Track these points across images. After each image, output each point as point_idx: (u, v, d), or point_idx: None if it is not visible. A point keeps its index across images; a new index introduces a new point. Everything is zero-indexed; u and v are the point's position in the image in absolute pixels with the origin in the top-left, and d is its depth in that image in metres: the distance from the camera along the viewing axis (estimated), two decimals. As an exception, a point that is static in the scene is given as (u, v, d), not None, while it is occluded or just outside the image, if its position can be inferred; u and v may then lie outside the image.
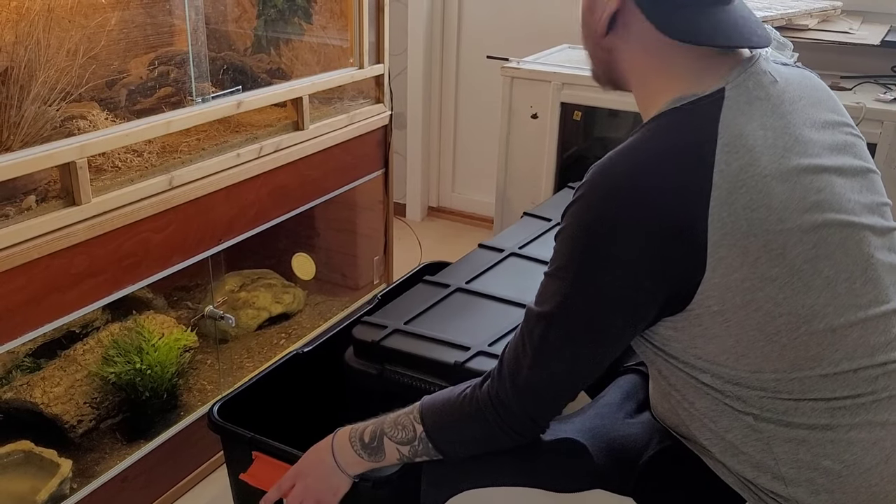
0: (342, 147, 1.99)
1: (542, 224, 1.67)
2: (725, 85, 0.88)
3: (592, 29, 0.96)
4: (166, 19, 1.70)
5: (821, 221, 0.87)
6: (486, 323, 1.39)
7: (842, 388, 0.89)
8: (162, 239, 1.53)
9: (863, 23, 2.24)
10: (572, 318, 0.90)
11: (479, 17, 2.99)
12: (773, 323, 0.86)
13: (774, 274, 0.85)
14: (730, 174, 0.84)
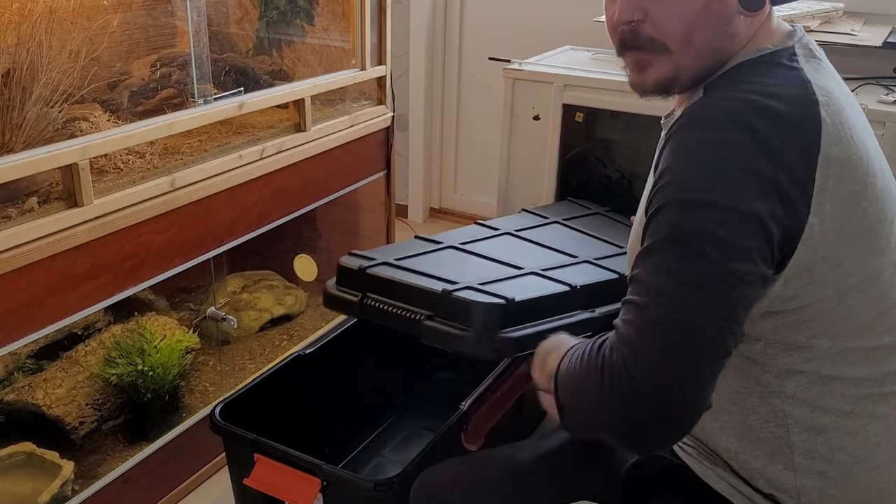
0: (344, 148, 1.99)
1: (539, 219, 1.66)
2: (793, 44, 0.90)
3: (723, 15, 0.88)
4: (168, 21, 1.70)
5: (884, 185, 0.89)
6: (478, 270, 1.35)
7: (876, 366, 0.89)
8: (164, 240, 1.53)
9: (865, 24, 2.24)
10: (708, 240, 0.77)
11: (481, 19, 2.98)
12: (847, 281, 0.86)
13: (856, 229, 0.85)
14: (830, 116, 0.84)
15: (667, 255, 0.79)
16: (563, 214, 1.71)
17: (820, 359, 0.88)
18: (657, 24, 0.89)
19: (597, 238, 1.61)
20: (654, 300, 0.78)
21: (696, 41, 0.89)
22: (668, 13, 0.88)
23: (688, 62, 0.90)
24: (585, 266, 1.44)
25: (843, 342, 0.88)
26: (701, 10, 0.87)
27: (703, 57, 0.90)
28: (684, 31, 0.88)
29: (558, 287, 1.31)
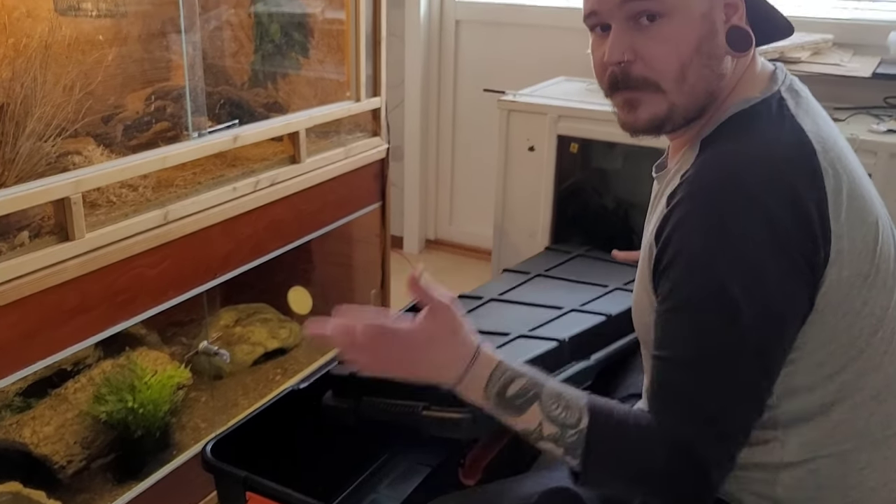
0: (339, 180, 1.99)
1: (520, 276, 1.66)
2: (778, 88, 0.91)
3: (714, 55, 0.90)
4: (164, 55, 1.70)
5: (888, 223, 0.91)
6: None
7: (884, 405, 0.90)
8: (156, 274, 1.51)
9: (854, 55, 2.26)
10: (732, 349, 0.82)
11: (476, 51, 3.01)
12: (858, 324, 0.86)
13: (867, 270, 0.86)
14: (829, 162, 0.85)
15: (708, 365, 0.83)
16: (544, 266, 1.71)
17: (830, 403, 0.88)
18: (649, 64, 0.89)
19: (580, 282, 1.61)
20: (705, 407, 0.82)
21: (689, 79, 0.89)
22: (661, 52, 0.88)
23: (681, 100, 0.90)
24: (572, 315, 1.43)
25: (853, 384, 0.88)
26: (694, 50, 0.88)
27: (695, 96, 0.90)
28: (678, 70, 0.89)
29: (547, 345, 1.30)
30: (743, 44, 0.90)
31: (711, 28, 0.89)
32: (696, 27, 0.88)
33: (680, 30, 0.88)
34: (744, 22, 0.90)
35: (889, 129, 1.94)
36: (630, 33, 0.89)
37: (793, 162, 0.83)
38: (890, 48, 2.20)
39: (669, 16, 0.87)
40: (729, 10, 0.90)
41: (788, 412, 0.88)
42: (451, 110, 3.12)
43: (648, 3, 0.87)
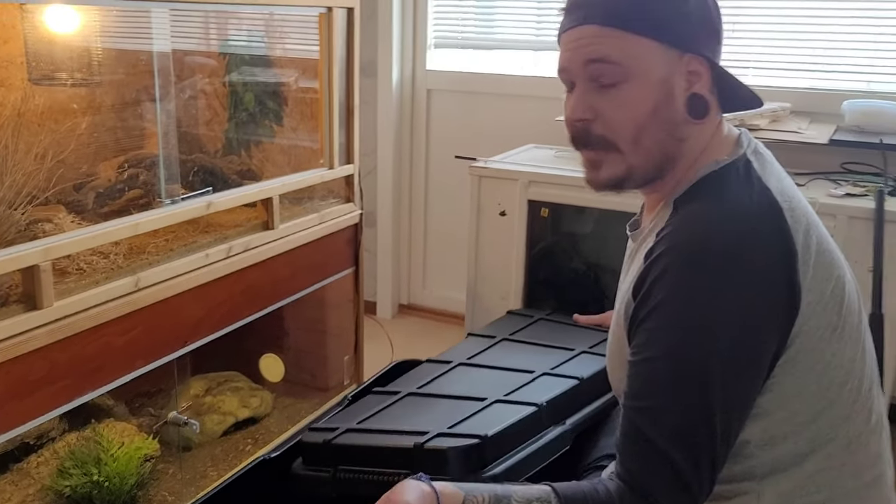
0: (312, 246, 1.99)
1: (486, 340, 1.67)
2: (745, 151, 0.94)
3: (670, 120, 0.93)
4: (138, 123, 1.72)
5: (853, 278, 0.94)
6: (442, 413, 1.33)
7: (854, 456, 0.91)
8: (125, 342, 1.49)
9: (811, 122, 2.34)
10: (697, 404, 0.85)
11: (447, 119, 3.07)
12: (828, 375, 0.89)
13: (836, 322, 0.89)
14: (797, 220, 0.88)
15: (678, 417, 0.85)
16: (509, 330, 1.72)
17: (805, 454, 0.89)
18: (607, 124, 0.93)
19: (546, 346, 1.62)
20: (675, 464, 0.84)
21: (644, 143, 0.93)
22: (618, 114, 0.92)
23: (638, 161, 0.94)
24: (544, 379, 1.44)
25: (826, 434, 0.90)
26: (650, 114, 0.92)
27: (651, 158, 0.94)
28: (633, 133, 0.92)
29: (526, 409, 1.30)
30: (700, 111, 0.93)
31: (669, 94, 0.92)
32: (654, 93, 0.91)
33: (637, 94, 0.91)
34: (707, 90, 0.94)
35: (847, 192, 2.00)
36: (592, 93, 0.93)
37: (763, 220, 0.87)
38: (844, 116, 2.29)
39: (630, 80, 0.91)
40: (692, 78, 0.93)
41: (765, 463, 0.89)
42: (423, 177, 3.16)
43: (609, 68, 0.91)
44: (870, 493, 0.93)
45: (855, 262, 1.89)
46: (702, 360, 0.84)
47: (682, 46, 0.92)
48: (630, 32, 0.90)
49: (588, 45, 0.92)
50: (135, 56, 1.67)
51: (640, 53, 0.91)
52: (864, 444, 0.92)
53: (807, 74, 2.50)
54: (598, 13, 0.91)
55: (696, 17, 0.93)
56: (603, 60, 0.91)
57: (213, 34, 2.07)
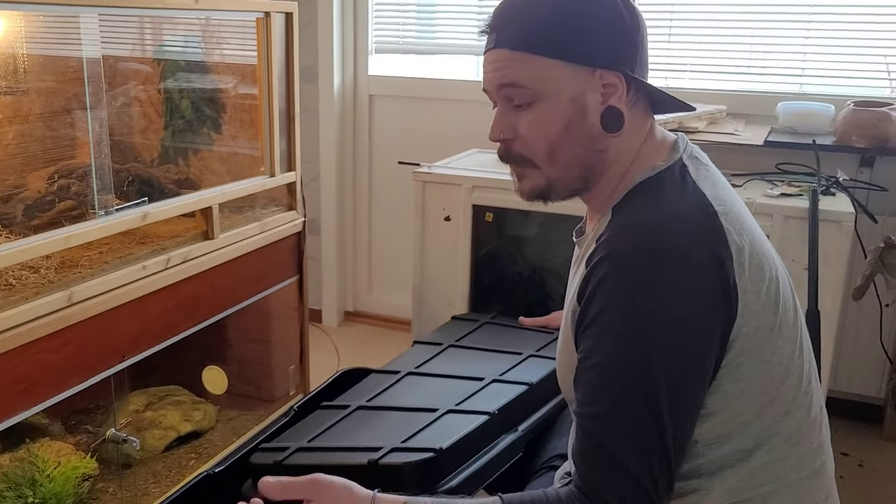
0: (254, 255, 1.96)
1: (433, 347, 1.67)
2: (680, 156, 0.97)
3: (585, 135, 0.95)
4: (68, 132, 1.66)
5: (786, 277, 0.96)
6: (395, 426, 1.33)
7: (797, 448, 0.94)
8: (59, 359, 1.44)
9: (746, 124, 2.41)
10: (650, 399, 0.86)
11: (390, 124, 3.06)
12: (769, 372, 0.91)
13: (773, 322, 0.91)
14: (731, 223, 0.90)
15: (621, 416, 0.87)
16: (454, 335, 1.72)
17: (749, 449, 0.92)
18: (524, 143, 0.97)
19: (493, 351, 1.63)
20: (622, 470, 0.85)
21: (560, 158, 0.96)
22: (532, 134, 0.96)
23: (556, 175, 0.98)
24: (494, 386, 1.44)
25: (771, 428, 0.92)
26: (563, 132, 0.95)
27: (570, 172, 0.97)
28: (547, 150, 0.96)
29: (478, 419, 1.30)
30: (614, 125, 0.95)
31: (582, 111, 0.95)
32: (565, 112, 0.94)
33: (549, 114, 0.95)
34: (623, 102, 0.95)
35: (782, 192, 2.06)
36: (509, 113, 0.98)
37: (699, 223, 0.89)
38: (779, 118, 2.36)
39: (540, 101, 0.95)
40: (608, 91, 0.95)
41: (712, 461, 0.92)
42: (366, 183, 3.14)
43: (520, 91, 0.95)
44: (812, 483, 0.96)
45: (791, 261, 1.94)
46: (644, 364, 0.85)
47: (594, 63, 0.94)
48: (538, 55, 0.93)
49: (500, 69, 0.96)
50: (64, 62, 1.61)
51: (548, 76, 0.94)
52: (804, 436, 0.95)
53: (742, 77, 2.57)
54: (509, 37, 0.94)
55: (608, 32, 0.94)
56: (513, 84, 0.95)
57: (147, 39, 2.02)
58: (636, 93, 0.97)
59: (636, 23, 0.97)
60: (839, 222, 1.91)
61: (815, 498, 0.97)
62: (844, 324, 2.40)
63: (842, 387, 2.46)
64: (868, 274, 2.09)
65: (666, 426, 0.85)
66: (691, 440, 0.91)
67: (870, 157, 2.32)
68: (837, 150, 2.26)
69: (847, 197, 2.04)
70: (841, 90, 2.44)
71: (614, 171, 0.98)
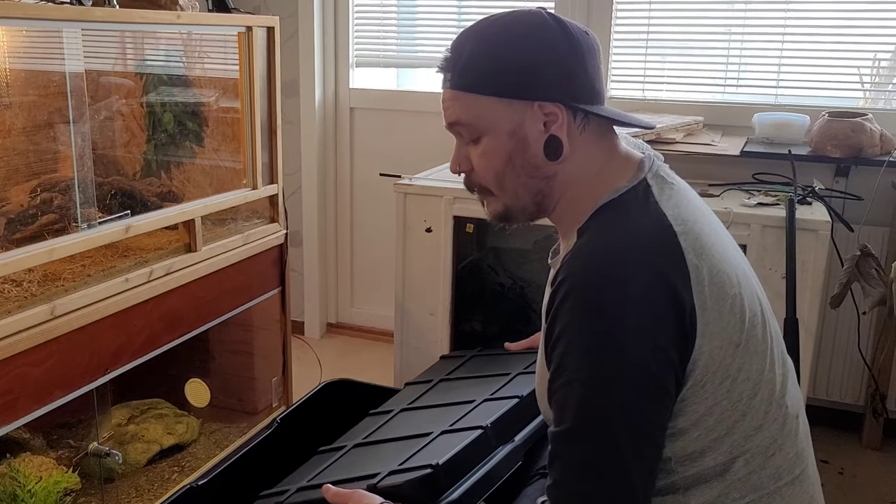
0: (237, 267, 1.96)
1: (423, 385, 1.69)
2: (645, 176, 0.98)
3: (528, 164, 0.99)
4: (51, 146, 1.66)
5: (750, 294, 0.97)
6: (391, 455, 1.34)
7: (772, 459, 0.95)
8: (41, 373, 1.43)
9: (723, 135, 2.44)
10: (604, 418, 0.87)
11: (371, 137, 3.07)
12: (737, 389, 0.92)
13: (738, 339, 0.92)
14: (690, 244, 0.92)
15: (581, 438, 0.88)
16: (444, 371, 1.74)
17: (724, 464, 0.93)
18: (478, 174, 1.03)
19: (482, 377, 1.64)
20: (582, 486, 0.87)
21: (508, 187, 1.01)
22: (481, 166, 1.02)
23: (510, 202, 1.03)
24: (486, 405, 1.46)
25: (743, 445, 0.93)
26: (506, 163, 1.00)
27: (520, 198, 1.02)
28: (496, 180, 1.01)
29: (472, 434, 1.32)
30: (554, 153, 0.99)
31: (523, 142, 0.98)
32: (506, 144, 0.99)
33: (491, 148, 1.00)
34: (565, 130, 0.98)
35: (759, 202, 2.09)
36: (464, 148, 1.03)
37: (656, 245, 0.91)
38: (755, 128, 2.40)
39: (484, 135, 1.00)
40: (549, 119, 0.98)
41: (687, 476, 0.92)
42: (348, 195, 3.15)
43: (463, 129, 1.01)
44: (792, 490, 0.97)
45: (769, 269, 1.97)
46: (603, 386, 0.87)
47: (530, 97, 0.97)
48: (476, 94, 0.98)
49: (447, 108, 1.01)
50: (46, 77, 1.62)
51: (485, 112, 0.98)
52: (780, 447, 0.96)
53: (718, 89, 2.61)
54: (451, 78, 1.00)
55: (543, 67, 0.97)
56: (457, 123, 1.01)
57: (129, 54, 2.02)
58: (585, 117, 0.99)
59: (576, 52, 0.98)
60: (816, 231, 1.94)
61: None
62: (823, 332, 2.44)
63: (821, 394, 2.49)
64: (845, 282, 2.13)
65: (625, 449, 0.87)
66: (665, 457, 0.92)
67: (845, 166, 2.36)
68: (813, 160, 2.30)
69: (823, 206, 2.07)
70: (816, 101, 2.49)
71: (572, 195, 1.01)
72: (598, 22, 2.62)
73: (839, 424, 2.47)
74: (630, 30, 2.65)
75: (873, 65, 2.44)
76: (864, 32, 2.41)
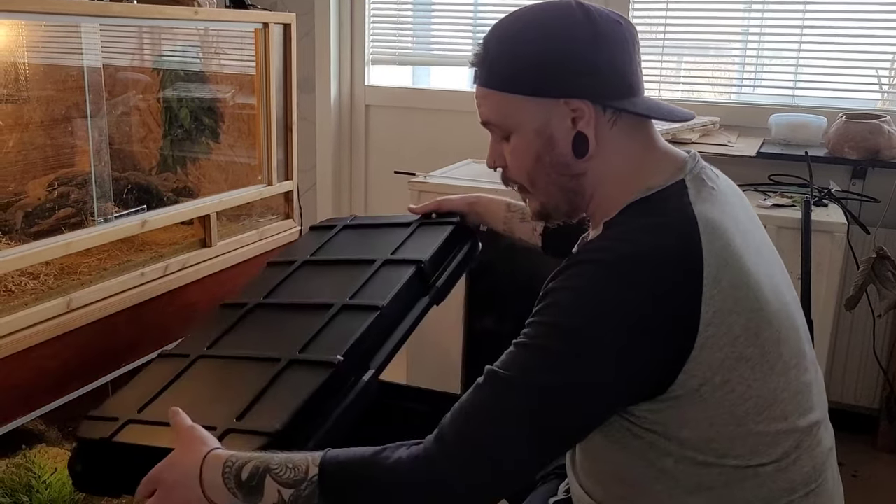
0: (251, 263, 1.97)
1: (284, 268, 1.55)
2: (683, 177, 0.96)
3: (558, 162, 0.97)
4: (68, 140, 1.68)
5: (779, 307, 0.93)
6: (232, 393, 1.22)
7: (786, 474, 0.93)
8: (57, 365, 1.44)
9: (739, 136, 2.43)
10: (547, 393, 0.86)
11: (386, 134, 3.07)
12: (743, 406, 0.89)
13: (749, 354, 0.89)
14: (714, 253, 0.88)
15: (507, 389, 0.89)
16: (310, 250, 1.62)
17: (729, 473, 0.91)
18: (511, 171, 1.03)
19: None
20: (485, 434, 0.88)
21: (539, 185, 1.01)
22: (513, 163, 1.02)
23: (545, 199, 1.02)
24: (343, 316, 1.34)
25: (749, 460, 0.91)
26: (535, 161, 0.99)
27: (553, 196, 1.01)
28: (528, 178, 1.01)
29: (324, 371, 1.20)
30: (581, 150, 0.97)
31: (550, 140, 0.97)
32: (534, 143, 0.98)
33: (521, 146, 0.99)
34: (593, 126, 0.96)
35: (775, 203, 2.08)
36: (499, 144, 1.03)
37: (672, 253, 0.88)
38: (771, 129, 2.38)
39: (514, 133, 0.99)
40: (577, 116, 0.96)
41: (689, 483, 0.91)
42: (362, 192, 3.16)
43: (495, 127, 1.02)
44: (809, 499, 0.94)
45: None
46: (556, 359, 0.87)
47: (555, 94, 0.95)
48: (503, 92, 0.98)
49: (479, 105, 1.02)
50: (64, 71, 1.63)
51: (512, 111, 0.98)
52: (793, 461, 0.93)
53: (735, 89, 2.60)
54: (481, 75, 1.00)
55: (566, 62, 0.95)
56: (488, 122, 1.02)
57: (146, 49, 2.03)
58: (615, 112, 0.96)
59: (604, 46, 0.95)
60: (832, 233, 1.93)
61: None
62: (837, 334, 2.42)
63: (835, 397, 2.48)
64: (860, 284, 2.11)
65: (534, 424, 0.86)
66: (665, 466, 0.91)
67: (862, 168, 2.35)
68: (830, 161, 2.28)
69: (839, 208, 2.06)
70: (833, 102, 2.47)
71: (603, 192, 0.98)
72: (615, 21, 2.62)
73: (853, 427, 2.45)
74: (647, 29, 2.64)
75: (892, 66, 2.42)
76: (882, 34, 2.39)
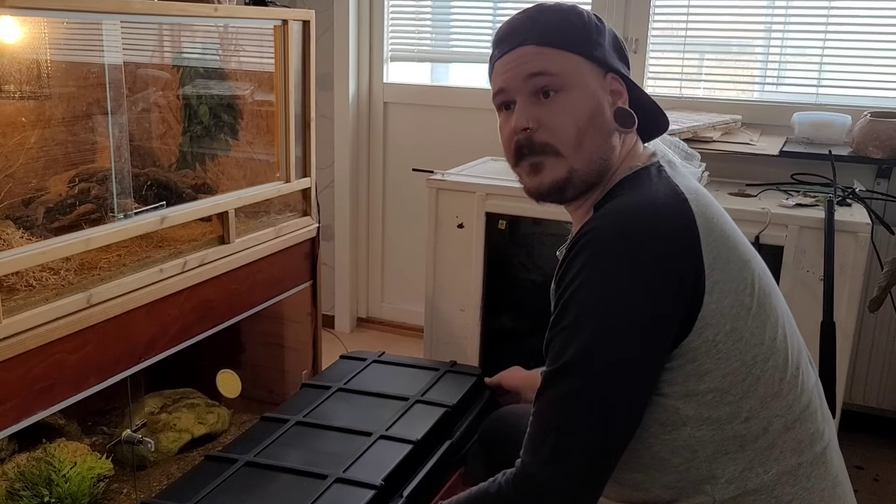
0: (269, 260, 1.97)
1: (321, 392, 1.70)
2: (658, 161, 1.05)
3: (604, 128, 1.03)
4: (89, 137, 1.69)
5: (762, 268, 1.02)
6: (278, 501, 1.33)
7: (794, 433, 0.98)
8: (77, 360, 1.45)
9: (762, 134, 2.40)
10: (597, 360, 0.91)
11: (404, 131, 3.07)
12: (751, 352, 0.95)
13: (749, 303, 0.96)
14: (701, 209, 0.97)
15: (571, 374, 0.92)
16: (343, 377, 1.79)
17: (743, 434, 0.95)
18: (551, 131, 1.02)
19: None
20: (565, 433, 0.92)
21: (586, 146, 1.02)
22: (559, 120, 1.01)
23: (579, 164, 1.02)
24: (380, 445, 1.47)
25: (760, 412, 0.95)
26: (589, 119, 1.01)
27: (591, 161, 1.02)
28: (576, 136, 1.01)
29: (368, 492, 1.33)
30: (628, 121, 1.04)
31: (600, 105, 1.03)
32: (589, 101, 1.02)
33: (577, 102, 1.02)
34: (626, 105, 1.06)
35: (798, 203, 2.05)
36: (533, 105, 1.03)
37: (669, 207, 0.96)
38: (794, 128, 2.35)
39: (568, 90, 1.02)
40: (614, 96, 1.05)
41: (707, 446, 0.95)
42: (380, 190, 3.16)
43: (549, 79, 1.02)
44: (815, 470, 0.99)
45: (806, 272, 1.94)
46: (603, 332, 0.91)
47: (605, 67, 1.04)
48: (563, 50, 1.02)
49: (528, 61, 1.02)
50: (86, 68, 1.64)
51: (574, 67, 1.02)
52: (799, 420, 0.98)
53: (757, 87, 2.57)
54: (533, 36, 1.03)
55: (611, 44, 1.06)
56: (543, 73, 1.02)
57: (166, 46, 2.04)
58: (630, 104, 1.07)
59: (624, 45, 1.10)
60: (855, 233, 1.90)
61: (823, 485, 0.98)
62: (860, 336, 2.39)
63: (857, 399, 2.45)
64: (884, 285, 2.08)
65: (608, 392, 0.91)
66: (681, 426, 0.94)
67: (886, 168, 2.31)
68: (854, 160, 2.25)
69: (863, 208, 2.03)
70: (857, 100, 2.43)
71: (611, 173, 1.05)
72: (636, 18, 2.59)
73: (875, 430, 2.43)
74: (668, 26, 2.61)
75: (919, 64, 2.38)
76: (909, 30, 2.35)
